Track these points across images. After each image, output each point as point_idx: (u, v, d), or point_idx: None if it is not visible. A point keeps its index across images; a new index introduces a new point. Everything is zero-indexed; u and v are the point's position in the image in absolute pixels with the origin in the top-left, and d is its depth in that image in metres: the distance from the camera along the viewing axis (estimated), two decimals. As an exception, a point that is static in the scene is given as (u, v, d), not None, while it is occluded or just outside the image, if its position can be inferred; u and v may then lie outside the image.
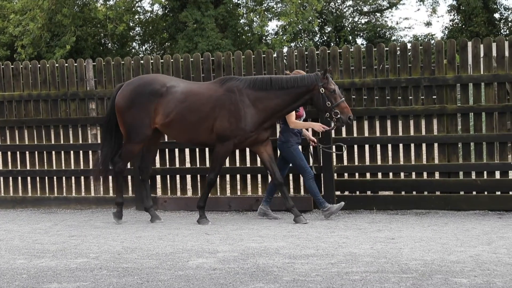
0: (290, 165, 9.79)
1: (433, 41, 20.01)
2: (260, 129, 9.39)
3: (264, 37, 35.56)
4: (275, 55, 10.77)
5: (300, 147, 9.81)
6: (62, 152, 11.30)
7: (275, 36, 34.67)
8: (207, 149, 10.74)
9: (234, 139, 9.31)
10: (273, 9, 34.94)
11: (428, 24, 45.13)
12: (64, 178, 11.26)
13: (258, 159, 10.58)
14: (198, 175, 10.76)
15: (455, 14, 41.31)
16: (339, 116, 9.13)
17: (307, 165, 9.57)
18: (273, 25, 69.19)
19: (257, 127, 9.36)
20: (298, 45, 36.08)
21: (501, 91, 9.84)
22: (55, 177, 11.34)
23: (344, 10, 42.75)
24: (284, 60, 11.02)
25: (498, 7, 39.89)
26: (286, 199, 9.43)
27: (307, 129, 9.89)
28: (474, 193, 9.81)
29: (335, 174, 10.21)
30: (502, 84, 9.82)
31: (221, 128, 9.27)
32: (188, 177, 11.00)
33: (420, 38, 41.18)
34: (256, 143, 9.49)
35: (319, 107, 9.27)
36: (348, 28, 41.69)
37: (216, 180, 9.87)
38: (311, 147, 9.97)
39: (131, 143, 9.63)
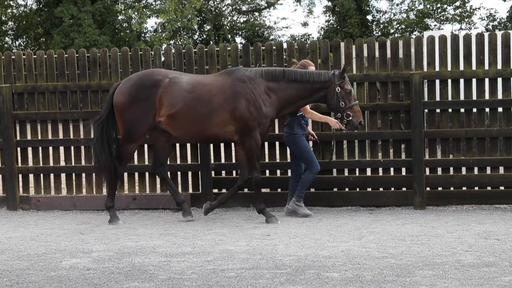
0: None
1: (308, 41, 20.32)
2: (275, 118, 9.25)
3: (143, 34, 35.23)
4: (152, 52, 10.69)
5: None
6: None
7: (154, 34, 34.46)
8: (82, 147, 10.52)
9: (259, 128, 8.98)
10: (152, 6, 34.70)
11: (305, 24, 46.07)
12: None
13: (136, 157, 10.49)
14: (73, 174, 10.55)
15: (331, 15, 42.41)
16: (350, 118, 8.97)
17: (315, 157, 9.36)
18: (152, 22, 68.50)
19: (276, 114, 9.16)
20: (177, 43, 35.98)
21: (372, 91, 10.17)
22: None
23: (223, 9, 43.02)
24: (162, 58, 10.96)
25: (371, 9, 41.30)
26: (220, 197, 9.35)
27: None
28: (347, 189, 10.12)
29: (213, 172, 10.26)
30: (373, 84, 10.15)
31: (243, 119, 8.92)
32: (63, 175, 10.75)
33: (297, 38, 42.00)
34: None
35: (332, 106, 9.08)
36: (227, 27, 41.98)
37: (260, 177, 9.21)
38: (310, 142, 9.67)
39: (131, 143, 9.11)
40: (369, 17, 41.24)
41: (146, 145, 10.39)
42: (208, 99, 8.95)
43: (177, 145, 10.39)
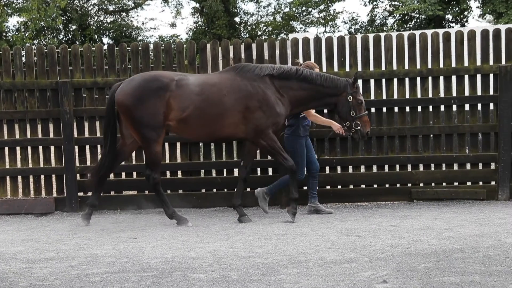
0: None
1: (175, 42, 20.32)
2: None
3: (4, 34, 33.95)
4: (12, 52, 10.32)
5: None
6: None
7: (16, 33, 33.29)
8: None
9: (272, 126, 8.72)
10: (14, 5, 33.48)
11: (173, 25, 45.99)
12: None
13: (7, 159, 10.13)
14: None
15: (199, 17, 42.49)
16: (359, 128, 8.91)
17: (304, 166, 9.26)
18: (14, 21, 66.16)
19: (288, 113, 8.92)
20: (41, 43, 34.92)
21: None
22: None
23: (89, 8, 42.15)
24: (23, 58, 10.62)
25: (238, 11, 41.73)
26: (238, 196, 9.12)
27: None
28: (215, 190, 10.17)
29: (78, 175, 10.04)
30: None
31: (257, 120, 8.66)
32: None
33: (165, 39, 41.80)
34: None
35: (342, 114, 8.99)
36: (94, 27, 41.18)
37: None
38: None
39: (152, 144, 8.60)
40: (237, 19, 41.66)
41: (6, 148, 10.05)
42: (218, 100, 8.70)
43: (40, 148, 10.10)
